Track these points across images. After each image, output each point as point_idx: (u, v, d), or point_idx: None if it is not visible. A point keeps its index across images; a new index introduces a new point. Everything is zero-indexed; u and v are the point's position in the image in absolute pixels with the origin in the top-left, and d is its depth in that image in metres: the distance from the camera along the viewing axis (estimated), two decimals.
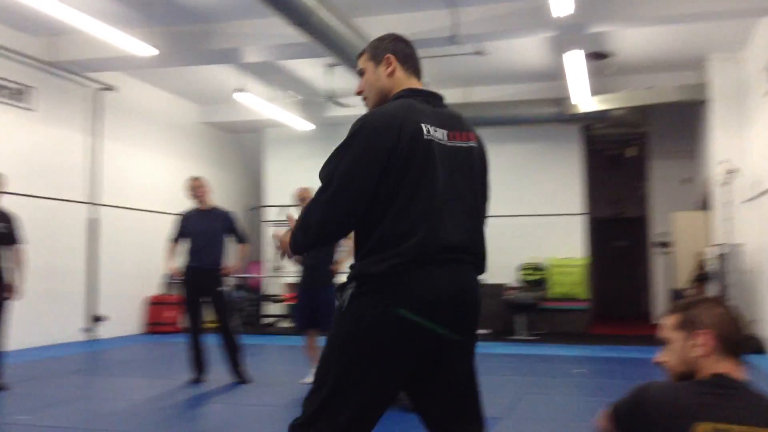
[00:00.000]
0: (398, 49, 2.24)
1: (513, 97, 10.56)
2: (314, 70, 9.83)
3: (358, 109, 11.19)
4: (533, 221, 11.12)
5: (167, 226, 10.67)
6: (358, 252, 2.04)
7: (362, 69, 2.27)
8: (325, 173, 2.05)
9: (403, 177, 1.98)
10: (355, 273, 2.01)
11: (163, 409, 5.10)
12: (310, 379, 5.85)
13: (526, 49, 9.20)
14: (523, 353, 8.27)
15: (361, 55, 2.29)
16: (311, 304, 5.79)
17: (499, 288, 10.40)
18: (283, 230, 2.34)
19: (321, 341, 6.05)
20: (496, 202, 10.25)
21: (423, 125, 2.04)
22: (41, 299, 8.40)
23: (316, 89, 10.75)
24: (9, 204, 6.76)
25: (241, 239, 6.30)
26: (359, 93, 2.29)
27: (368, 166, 1.98)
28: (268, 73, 9.92)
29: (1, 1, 7.06)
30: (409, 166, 1.98)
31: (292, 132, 12.10)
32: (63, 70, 8.74)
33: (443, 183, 2.04)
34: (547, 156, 11.27)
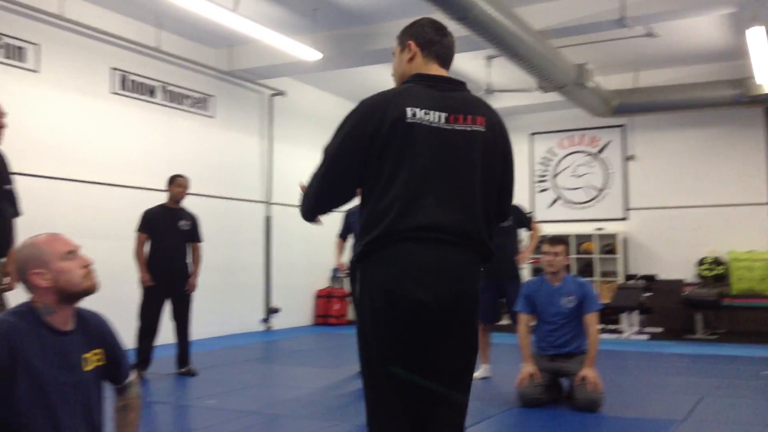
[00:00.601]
0: (421, 35, 2.25)
1: (687, 79, 9.86)
2: (473, 63, 9.78)
3: (517, 99, 11.07)
4: (713, 212, 10.32)
5: (333, 221, 11.17)
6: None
7: (393, 53, 2.33)
8: (324, 149, 2.16)
9: (384, 159, 2.03)
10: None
11: (336, 397, 5.32)
12: (480, 373, 5.88)
13: (701, 28, 8.56)
14: (702, 353, 7.72)
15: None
16: (498, 297, 5.73)
17: (676, 284, 9.79)
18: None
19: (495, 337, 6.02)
20: (672, 193, 9.70)
21: (408, 109, 2.05)
22: (225, 292, 9.08)
23: (475, 82, 10.68)
24: (194, 204, 7.34)
25: None
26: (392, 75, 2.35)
27: (352, 148, 2.07)
28: None
29: (185, 17, 7.67)
30: (390, 148, 2.02)
31: None
32: (239, 78, 9.36)
33: (427, 165, 2.03)
34: (727, 141, 10.41)
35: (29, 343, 1.92)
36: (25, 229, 3.58)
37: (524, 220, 6.03)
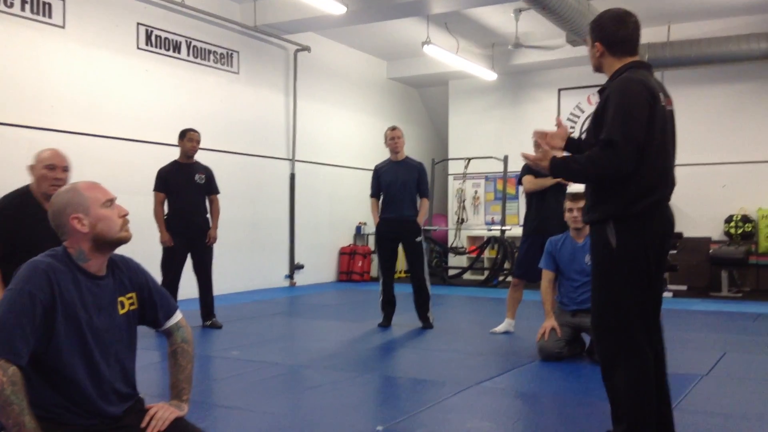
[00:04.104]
0: (605, 36, 2.73)
1: (720, 33, 9.58)
2: (502, 17, 9.60)
3: (545, 54, 10.88)
4: (743, 169, 10.12)
5: (357, 179, 11.23)
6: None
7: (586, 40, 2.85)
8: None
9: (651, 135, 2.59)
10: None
11: (359, 349, 5.40)
12: (501, 327, 5.91)
13: None
14: (727, 310, 7.67)
15: None
16: (540, 251, 5.29)
17: (702, 242, 9.68)
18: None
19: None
20: (700, 150, 9.56)
21: (660, 94, 2.59)
22: (250, 249, 9.20)
23: (503, 36, 10.50)
24: (219, 160, 7.39)
25: (423, 193, 6.36)
26: None
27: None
28: (453, 23, 9.84)
29: None
30: (655, 127, 2.59)
31: (476, 83, 11.97)
32: (263, 34, 9.31)
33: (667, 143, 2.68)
34: (759, 96, 10.13)
35: (67, 283, 1.96)
36: None
37: None
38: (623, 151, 2.52)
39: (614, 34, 2.72)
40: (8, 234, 3.42)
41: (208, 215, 6.20)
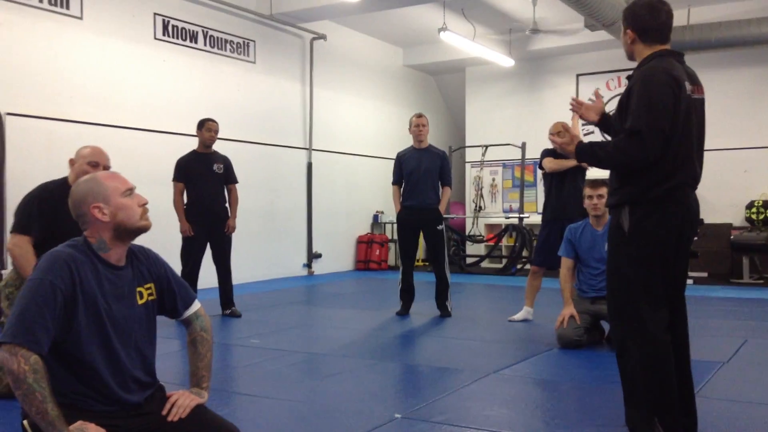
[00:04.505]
0: (637, 24, 2.74)
1: (740, 16, 9.43)
2: (518, 2, 9.51)
3: (563, 39, 10.76)
4: (765, 154, 9.98)
5: (374, 168, 11.22)
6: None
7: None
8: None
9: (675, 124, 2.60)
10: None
11: (377, 337, 5.40)
12: (519, 315, 5.90)
13: None
14: (748, 297, 7.59)
15: None
16: (560, 237, 5.23)
17: (723, 228, 9.56)
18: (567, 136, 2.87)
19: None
20: (722, 134, 9.48)
21: (686, 83, 2.61)
22: (267, 238, 9.24)
23: (520, 21, 10.40)
24: (236, 150, 7.41)
25: (445, 182, 6.34)
26: None
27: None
28: (469, 9, 9.77)
29: None
30: (678, 116, 2.60)
31: (493, 69, 11.90)
32: (280, 23, 9.29)
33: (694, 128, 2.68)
34: None
35: (87, 273, 1.98)
36: (72, 175, 3.68)
37: None
38: (648, 140, 2.55)
39: (646, 22, 2.74)
40: (47, 222, 3.49)
41: (227, 205, 6.22)
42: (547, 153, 5.80)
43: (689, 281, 8.60)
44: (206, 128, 6.11)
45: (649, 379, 2.64)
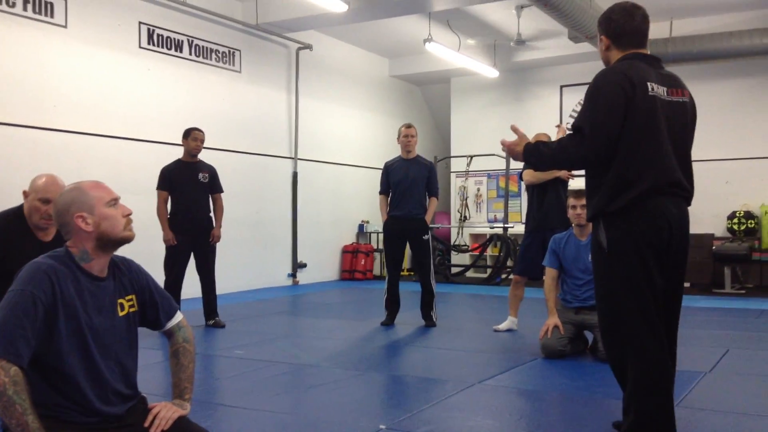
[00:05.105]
0: (611, 30, 2.71)
1: (723, 28, 9.56)
2: (503, 13, 9.59)
3: (547, 51, 10.84)
4: (746, 165, 10.11)
5: (359, 177, 11.23)
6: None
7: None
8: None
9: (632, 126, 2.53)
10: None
11: (362, 348, 5.39)
12: (504, 325, 5.91)
13: None
14: (729, 307, 7.67)
15: None
16: (542, 250, 5.32)
17: (705, 238, 9.65)
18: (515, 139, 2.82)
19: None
20: (704, 146, 9.50)
21: (648, 83, 2.54)
22: (252, 247, 9.20)
23: (504, 33, 10.48)
24: (221, 159, 7.38)
25: (432, 192, 6.35)
26: None
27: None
28: (454, 20, 9.83)
29: None
30: (635, 116, 2.52)
31: (478, 80, 11.97)
32: (265, 32, 9.30)
33: (664, 131, 2.56)
34: (763, 92, 10.11)
35: (68, 285, 1.96)
36: None
37: None
38: (590, 138, 2.52)
39: (620, 27, 2.69)
40: None
41: (212, 214, 6.20)
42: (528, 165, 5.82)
43: None
44: (192, 137, 6.09)
45: (645, 392, 2.56)
